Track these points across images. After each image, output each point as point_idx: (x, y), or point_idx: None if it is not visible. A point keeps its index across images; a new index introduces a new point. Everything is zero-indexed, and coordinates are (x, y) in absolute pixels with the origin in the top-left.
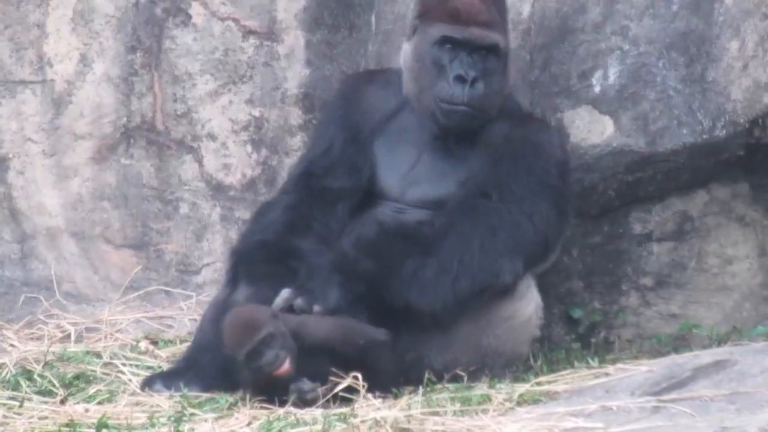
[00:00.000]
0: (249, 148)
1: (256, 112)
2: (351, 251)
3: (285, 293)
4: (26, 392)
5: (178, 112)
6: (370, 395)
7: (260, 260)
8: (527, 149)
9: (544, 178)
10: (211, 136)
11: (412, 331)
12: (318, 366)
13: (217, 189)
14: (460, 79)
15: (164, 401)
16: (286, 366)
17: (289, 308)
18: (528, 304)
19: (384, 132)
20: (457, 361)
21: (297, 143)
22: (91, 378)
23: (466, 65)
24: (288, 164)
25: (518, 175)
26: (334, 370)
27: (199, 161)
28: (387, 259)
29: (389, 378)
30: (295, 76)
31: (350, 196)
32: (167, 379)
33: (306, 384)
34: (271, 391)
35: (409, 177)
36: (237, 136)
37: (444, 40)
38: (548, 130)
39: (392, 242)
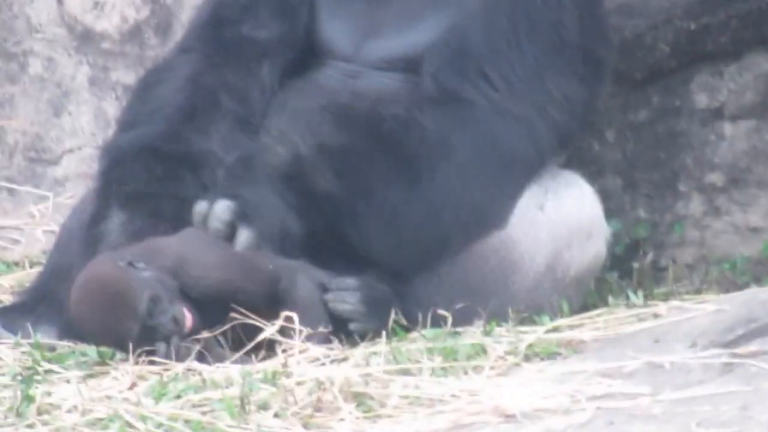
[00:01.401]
0: None
1: None
2: (308, 154)
3: (222, 210)
4: None
5: None
6: (309, 344)
7: (139, 174)
8: None
9: (559, 36)
10: None
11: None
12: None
13: (85, 38)
14: None
15: (7, 351)
16: (189, 320)
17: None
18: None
19: None
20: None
21: None
22: None
23: None
24: (190, 3)
25: (520, 40)
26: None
27: None
28: (359, 181)
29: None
30: None
31: (281, 52)
32: (11, 318)
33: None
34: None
35: (367, 24)
36: None
37: None
38: None
39: (367, 152)
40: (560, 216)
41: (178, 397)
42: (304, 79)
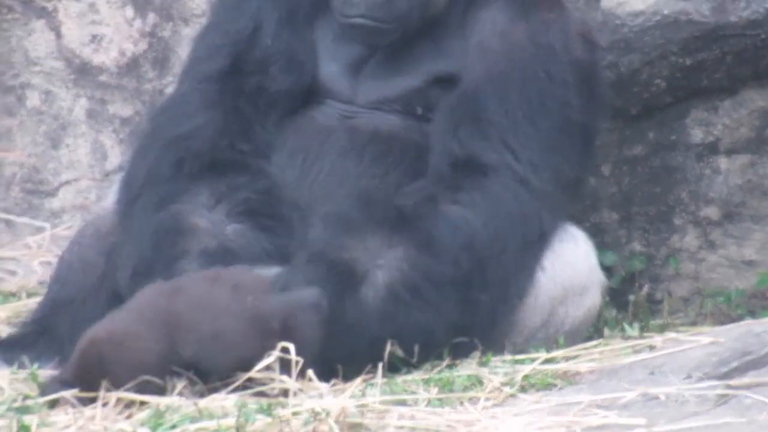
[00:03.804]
0: (130, 11)
1: None
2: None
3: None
4: None
5: None
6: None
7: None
8: (537, 64)
9: (565, 115)
10: None
11: None
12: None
13: (83, 71)
14: None
15: (3, 382)
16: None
17: None
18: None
19: (327, 11)
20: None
21: (200, 5)
22: None
23: None
24: (188, 37)
25: (533, 116)
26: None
27: (56, 30)
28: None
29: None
30: None
31: (288, 102)
32: (7, 350)
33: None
34: None
35: (364, 71)
36: None
37: None
38: (558, 22)
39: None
40: (558, 274)
41: (174, 427)
42: (302, 117)
